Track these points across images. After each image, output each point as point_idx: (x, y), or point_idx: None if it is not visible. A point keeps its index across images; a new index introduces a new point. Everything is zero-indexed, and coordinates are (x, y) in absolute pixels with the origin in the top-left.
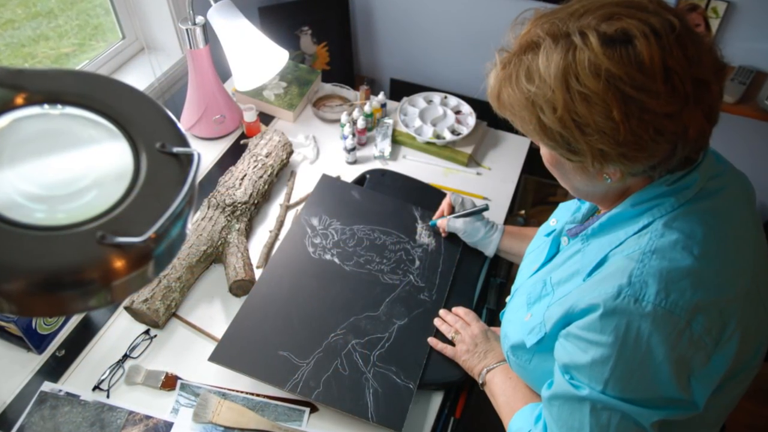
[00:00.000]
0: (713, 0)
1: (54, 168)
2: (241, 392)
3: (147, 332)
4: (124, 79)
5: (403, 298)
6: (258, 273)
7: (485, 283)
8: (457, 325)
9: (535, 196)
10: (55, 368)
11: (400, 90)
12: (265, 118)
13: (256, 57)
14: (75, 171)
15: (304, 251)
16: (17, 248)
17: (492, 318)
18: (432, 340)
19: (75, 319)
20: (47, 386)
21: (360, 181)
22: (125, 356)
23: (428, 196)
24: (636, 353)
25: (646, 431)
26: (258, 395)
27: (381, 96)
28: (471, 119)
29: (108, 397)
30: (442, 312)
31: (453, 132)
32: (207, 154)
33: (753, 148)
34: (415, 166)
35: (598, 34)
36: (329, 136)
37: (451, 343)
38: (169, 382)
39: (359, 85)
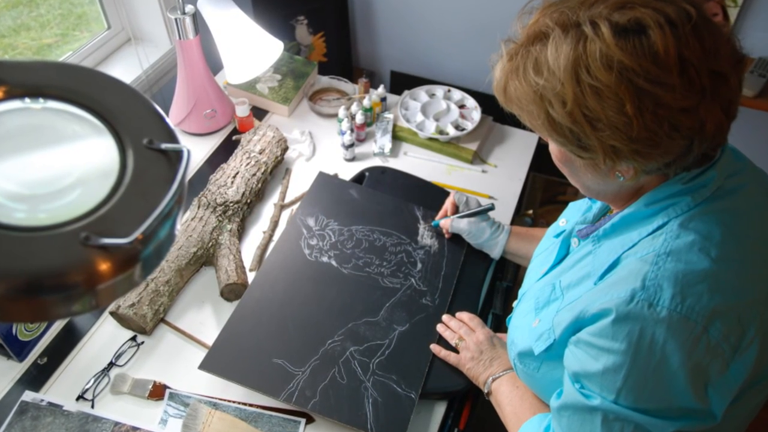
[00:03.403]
0: None
1: (35, 165)
2: (233, 402)
3: (134, 339)
4: (109, 71)
5: (404, 302)
6: (251, 276)
7: (491, 286)
8: (461, 331)
9: (543, 195)
10: (36, 377)
11: (401, 83)
12: (259, 113)
13: (249, 48)
14: (57, 168)
15: (299, 253)
16: None
17: (498, 324)
18: (435, 347)
19: (58, 325)
20: (28, 396)
21: (359, 179)
22: (111, 364)
23: (431, 195)
24: (650, 361)
25: None
26: (251, 405)
27: (381, 89)
28: (476, 114)
29: (92, 407)
30: (445, 317)
31: (457, 127)
32: (197, 150)
33: None
34: (416, 163)
35: (610, 24)
36: (326, 131)
37: (455, 350)
38: (157, 392)
39: (358, 77)
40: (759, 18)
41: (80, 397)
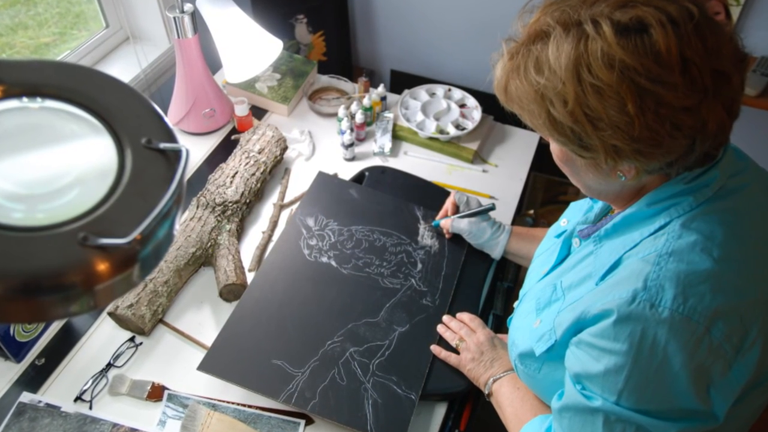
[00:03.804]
0: None
1: (33, 165)
2: (232, 403)
3: (132, 339)
4: (107, 70)
5: (404, 303)
6: (250, 277)
7: (491, 287)
8: (461, 332)
9: (544, 195)
10: (34, 378)
11: (401, 82)
12: (258, 112)
13: (248, 47)
14: (55, 168)
15: (299, 253)
16: None
17: (499, 324)
18: (435, 348)
19: (55, 326)
20: (26, 397)
21: (358, 179)
22: (109, 365)
23: (431, 195)
24: (652, 362)
25: None
26: (250, 406)
27: (381, 88)
28: (476, 113)
29: (90, 408)
30: (445, 318)
31: (457, 127)
32: (196, 150)
33: None
34: (417, 162)
35: (612, 23)
36: (326, 131)
37: (456, 351)
38: (156, 393)
39: (358, 76)
40: (761, 17)
41: (78, 399)
